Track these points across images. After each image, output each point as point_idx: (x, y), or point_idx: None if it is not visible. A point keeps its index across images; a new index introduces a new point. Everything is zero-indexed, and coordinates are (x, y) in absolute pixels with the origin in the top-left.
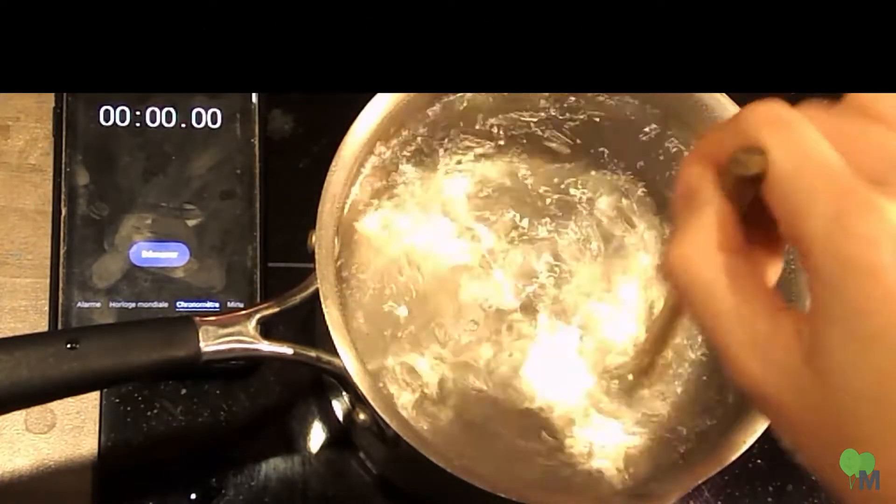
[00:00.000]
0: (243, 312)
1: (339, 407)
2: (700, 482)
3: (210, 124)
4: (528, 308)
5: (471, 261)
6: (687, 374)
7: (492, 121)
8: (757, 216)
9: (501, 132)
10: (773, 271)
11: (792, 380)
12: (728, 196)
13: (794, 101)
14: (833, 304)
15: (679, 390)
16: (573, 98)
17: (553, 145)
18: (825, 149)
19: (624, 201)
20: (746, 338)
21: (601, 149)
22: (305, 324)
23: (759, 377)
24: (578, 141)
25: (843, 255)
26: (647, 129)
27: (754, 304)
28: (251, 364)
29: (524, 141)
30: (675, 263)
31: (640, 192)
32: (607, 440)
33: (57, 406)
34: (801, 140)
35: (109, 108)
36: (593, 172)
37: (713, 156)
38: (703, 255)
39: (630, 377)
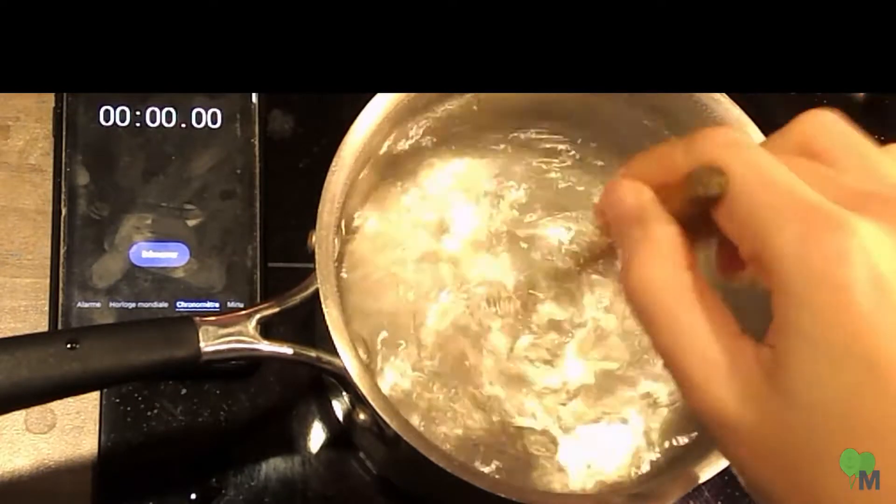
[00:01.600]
0: (243, 312)
1: (339, 407)
2: (700, 482)
3: (210, 124)
4: (530, 308)
5: (471, 260)
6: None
7: (493, 122)
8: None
9: (503, 133)
10: None
11: (753, 401)
12: (675, 214)
13: (794, 102)
14: (801, 320)
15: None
16: (577, 102)
17: (554, 147)
18: (782, 169)
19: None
20: (706, 358)
21: (601, 148)
22: (305, 324)
23: (720, 401)
24: (579, 141)
25: (813, 270)
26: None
27: (713, 323)
28: (251, 364)
29: (526, 142)
30: (633, 287)
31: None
32: (607, 440)
33: (57, 406)
34: (760, 161)
35: (109, 108)
36: (592, 173)
37: (655, 175)
38: (659, 274)
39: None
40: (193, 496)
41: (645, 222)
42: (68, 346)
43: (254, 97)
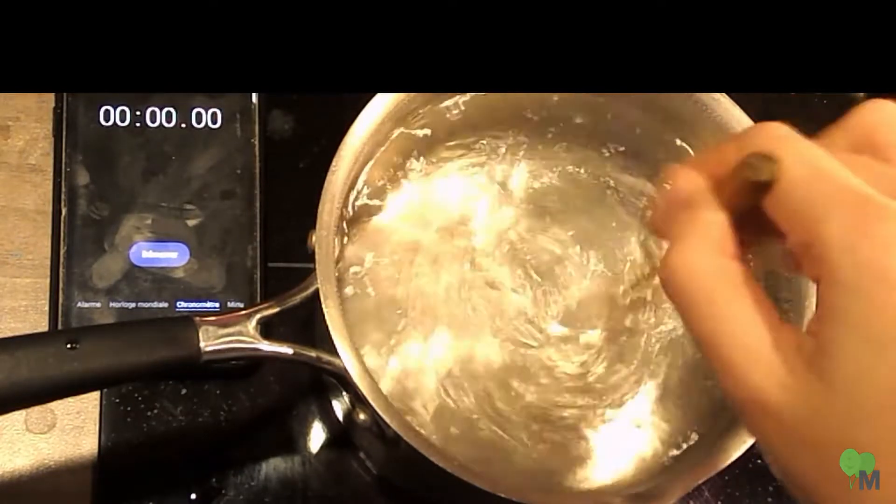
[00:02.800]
0: (243, 312)
1: (339, 407)
2: (700, 482)
3: (210, 124)
4: (532, 307)
5: (472, 260)
6: (687, 373)
7: (494, 123)
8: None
9: (504, 133)
10: None
11: (793, 388)
12: (726, 205)
13: (794, 102)
14: (848, 308)
15: (679, 390)
16: (578, 102)
17: (556, 147)
18: (833, 161)
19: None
20: (747, 346)
21: (603, 149)
22: (305, 324)
23: (759, 386)
24: (578, 141)
25: (862, 259)
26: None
27: (755, 311)
28: (251, 364)
29: (527, 142)
30: (674, 268)
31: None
32: (607, 440)
33: (57, 406)
34: (811, 153)
35: (109, 108)
36: (593, 171)
37: (709, 167)
38: (704, 260)
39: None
40: (193, 496)
41: (694, 208)
42: (68, 346)
43: (254, 97)
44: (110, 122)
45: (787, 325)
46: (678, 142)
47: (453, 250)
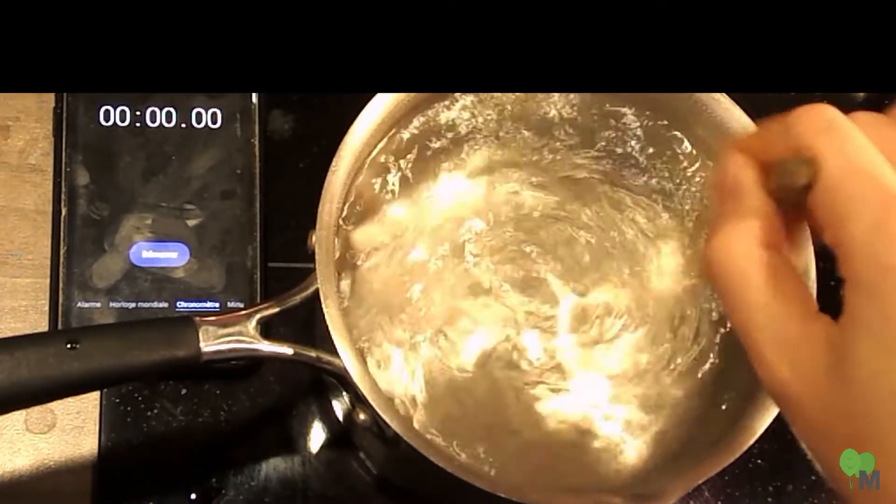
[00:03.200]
0: (243, 312)
1: (339, 407)
2: (700, 482)
3: (210, 124)
4: (532, 307)
5: (472, 260)
6: (687, 374)
7: (494, 124)
8: (791, 213)
9: (504, 134)
10: (798, 265)
11: (816, 385)
12: (772, 195)
13: (794, 102)
14: (867, 311)
15: (679, 390)
16: (577, 101)
17: (557, 146)
18: (874, 156)
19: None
20: (777, 337)
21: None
22: (305, 324)
23: (785, 378)
24: (578, 141)
25: (883, 262)
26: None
27: (789, 303)
28: (251, 364)
29: (527, 142)
30: (716, 255)
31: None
32: (607, 440)
33: (57, 406)
34: (850, 146)
35: (109, 108)
36: (594, 171)
37: (758, 152)
38: (744, 247)
39: None
40: (193, 496)
41: (740, 196)
42: (68, 346)
43: (254, 97)
44: (110, 122)
45: (821, 318)
46: (678, 141)
47: (453, 250)
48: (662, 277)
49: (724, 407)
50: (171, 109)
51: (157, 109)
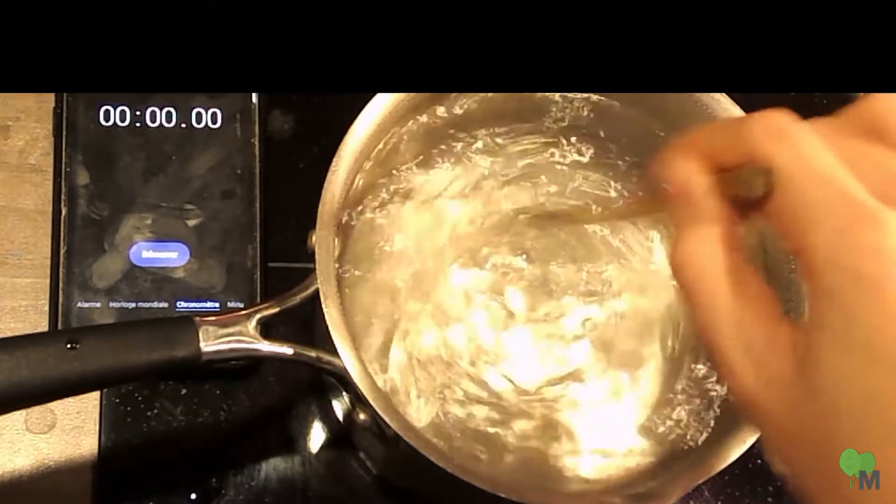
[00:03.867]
0: (243, 312)
1: (339, 407)
2: (700, 482)
3: (210, 124)
4: (533, 308)
5: (472, 260)
6: (687, 373)
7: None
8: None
9: (505, 133)
10: None
11: (783, 391)
12: (728, 201)
13: (794, 102)
14: (832, 315)
15: (680, 390)
16: (578, 102)
17: (557, 144)
18: (831, 161)
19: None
20: (743, 343)
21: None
22: (305, 324)
23: (751, 384)
24: (578, 140)
25: (847, 266)
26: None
27: (755, 308)
28: (251, 364)
29: (528, 142)
30: (681, 260)
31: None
32: (608, 440)
33: (57, 406)
34: (806, 151)
35: (109, 108)
36: (594, 171)
37: (708, 155)
38: (706, 253)
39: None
40: (193, 496)
41: (695, 202)
42: (68, 346)
43: (254, 97)
44: (110, 122)
45: (785, 322)
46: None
47: (453, 250)
48: (659, 276)
49: (724, 407)
50: (171, 109)
51: (157, 109)
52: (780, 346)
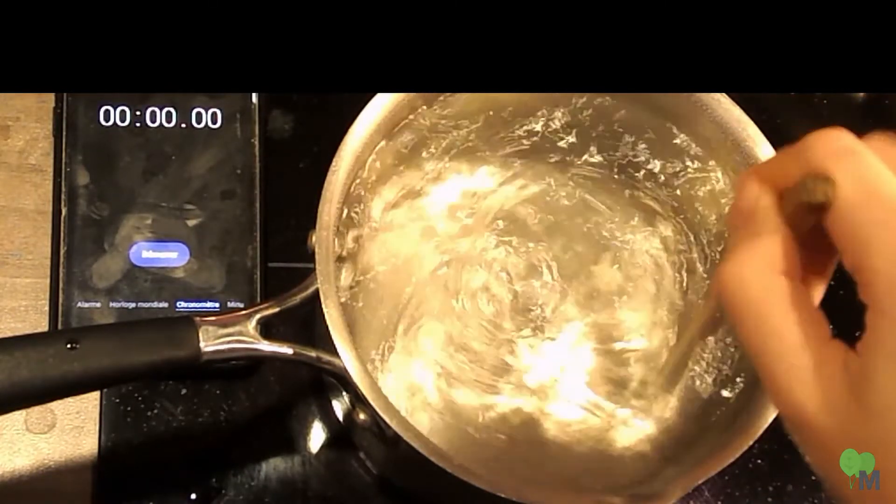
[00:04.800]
0: (243, 312)
1: (339, 407)
2: (700, 482)
3: (210, 124)
4: (533, 307)
5: (472, 259)
6: (688, 374)
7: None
8: (809, 241)
9: (506, 133)
10: (817, 295)
11: (835, 411)
12: (787, 221)
13: (794, 102)
14: (890, 337)
15: (680, 391)
16: (579, 103)
17: (559, 148)
18: (890, 181)
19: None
20: (793, 364)
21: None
22: (305, 324)
23: (802, 404)
24: (578, 140)
25: None
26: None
27: (805, 330)
28: (251, 364)
29: (528, 142)
30: (729, 281)
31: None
32: (608, 440)
33: (57, 406)
34: (868, 172)
35: (109, 108)
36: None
37: (774, 179)
38: (758, 276)
39: (651, 389)
40: (193, 496)
41: (754, 221)
42: (68, 346)
43: (254, 97)
44: (110, 122)
45: (835, 343)
46: (678, 141)
47: (453, 250)
48: (662, 281)
49: (723, 407)
50: (171, 109)
51: (157, 109)
52: (832, 368)
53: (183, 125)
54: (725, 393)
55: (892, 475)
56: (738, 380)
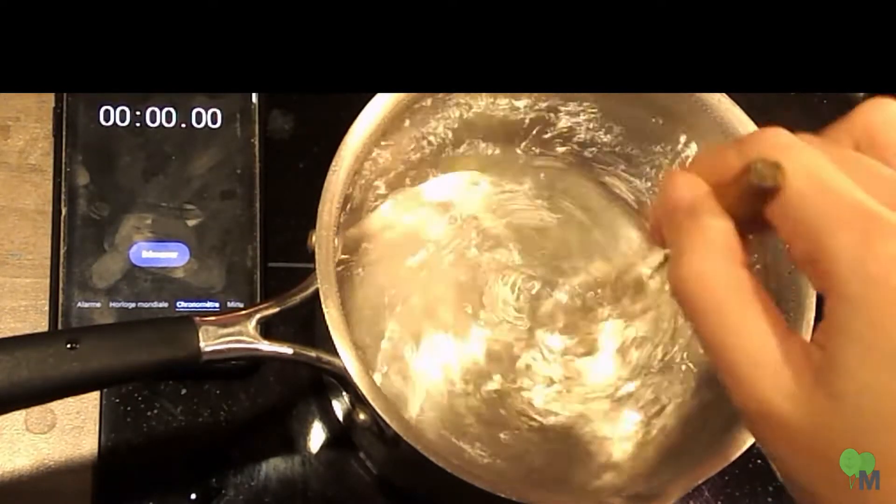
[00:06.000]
0: (243, 312)
1: (339, 407)
2: (700, 482)
3: (210, 124)
4: (533, 306)
5: (473, 259)
6: (688, 373)
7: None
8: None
9: (506, 134)
10: None
11: (800, 400)
12: (728, 211)
13: (794, 102)
14: (855, 324)
15: (680, 390)
16: (579, 103)
17: (557, 146)
18: (837, 171)
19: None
20: (755, 358)
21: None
22: (305, 324)
23: (767, 398)
24: (577, 142)
25: (870, 276)
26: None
27: (764, 323)
28: (251, 364)
29: (528, 142)
30: (684, 279)
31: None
32: (608, 440)
33: (57, 406)
34: (815, 162)
35: (109, 108)
36: (593, 170)
37: (709, 172)
38: (712, 270)
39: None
40: (193, 496)
41: (698, 215)
42: (68, 346)
43: (254, 97)
44: (110, 122)
45: (794, 335)
46: (680, 141)
47: (453, 249)
48: (657, 279)
49: (724, 407)
50: (171, 109)
51: (157, 109)
52: (795, 357)
53: (183, 125)
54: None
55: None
56: None
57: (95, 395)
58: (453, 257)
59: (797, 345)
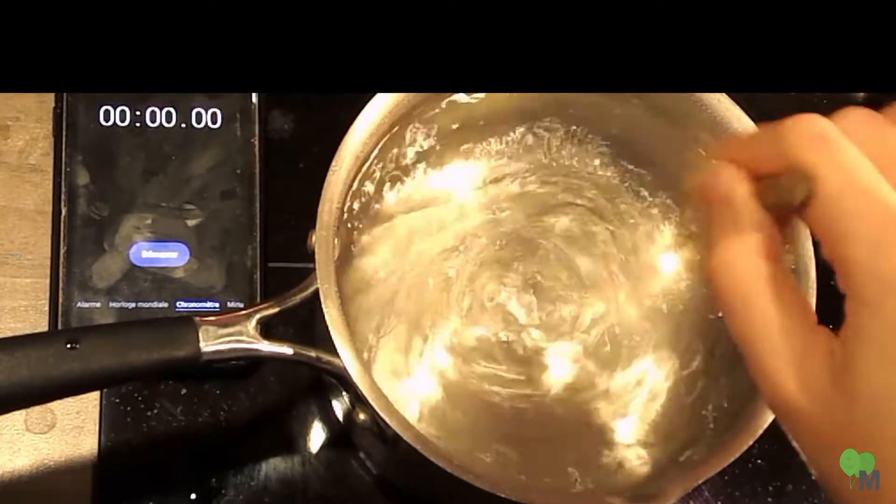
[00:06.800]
0: (243, 312)
1: (339, 407)
2: (700, 482)
3: (210, 124)
4: (532, 307)
5: (473, 259)
6: (688, 373)
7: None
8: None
9: (507, 133)
10: None
11: (821, 397)
12: (766, 206)
13: (794, 102)
14: (871, 326)
15: (680, 390)
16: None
17: (559, 145)
18: (868, 170)
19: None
20: (782, 351)
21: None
22: (305, 324)
23: (790, 392)
24: (579, 140)
25: (885, 278)
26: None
27: (793, 317)
28: (251, 364)
29: (529, 142)
30: (717, 269)
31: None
32: (608, 440)
33: (57, 406)
34: (845, 159)
35: (109, 108)
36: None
37: (748, 162)
38: (746, 261)
39: None
40: (193, 496)
41: (735, 209)
42: (68, 346)
43: (254, 97)
44: (110, 122)
45: (821, 330)
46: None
47: (452, 249)
48: (661, 280)
49: (724, 406)
50: (171, 109)
51: (157, 109)
52: (818, 353)
53: (183, 125)
54: (726, 392)
55: (882, 466)
56: (738, 379)
57: (95, 395)
58: (456, 254)
59: (823, 341)
